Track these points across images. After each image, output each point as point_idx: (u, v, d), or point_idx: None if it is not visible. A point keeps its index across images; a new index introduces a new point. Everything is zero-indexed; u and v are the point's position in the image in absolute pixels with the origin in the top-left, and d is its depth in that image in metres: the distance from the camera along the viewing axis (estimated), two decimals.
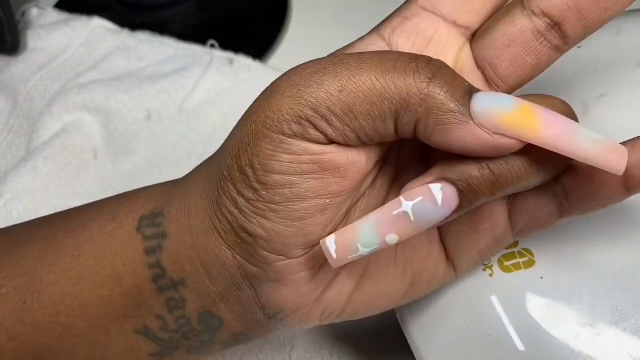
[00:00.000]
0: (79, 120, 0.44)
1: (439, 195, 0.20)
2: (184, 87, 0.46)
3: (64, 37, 0.49)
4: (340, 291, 0.23)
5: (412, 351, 0.27)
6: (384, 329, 0.34)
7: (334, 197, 0.21)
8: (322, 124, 0.20)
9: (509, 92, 0.23)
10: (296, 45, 0.50)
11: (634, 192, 0.21)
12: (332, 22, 0.52)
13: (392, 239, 0.20)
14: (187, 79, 0.46)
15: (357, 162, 0.21)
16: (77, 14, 0.51)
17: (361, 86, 0.19)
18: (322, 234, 0.21)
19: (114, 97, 0.45)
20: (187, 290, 0.23)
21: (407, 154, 0.24)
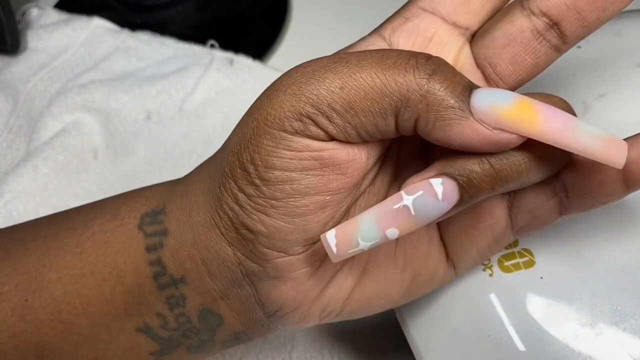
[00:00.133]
0: (79, 120, 0.44)
1: (439, 189, 0.20)
2: (184, 87, 0.46)
3: (64, 37, 0.49)
4: (339, 289, 0.23)
5: (412, 351, 0.27)
6: (384, 329, 0.34)
7: (334, 193, 0.21)
8: (323, 121, 0.20)
9: None
10: (296, 45, 0.50)
11: (633, 188, 0.21)
12: (332, 22, 0.52)
13: (393, 233, 0.20)
14: (187, 79, 0.46)
15: (358, 159, 0.21)
16: (77, 14, 0.51)
17: (362, 83, 0.20)
18: (322, 231, 0.21)
19: (114, 97, 0.45)
20: (188, 287, 0.23)
21: (406, 152, 0.24)
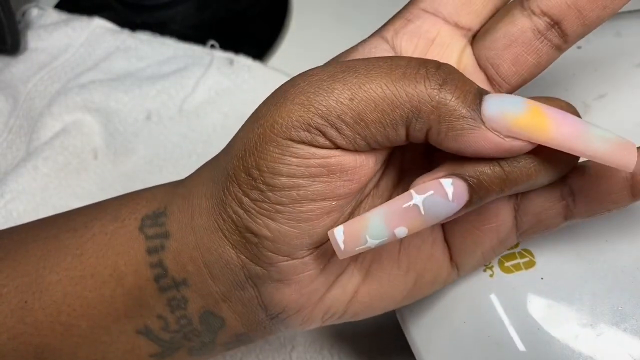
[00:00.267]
0: (79, 120, 0.44)
1: (449, 189, 0.20)
2: (184, 87, 0.46)
3: (64, 37, 0.49)
4: (342, 291, 0.23)
5: (412, 351, 0.27)
6: (384, 329, 0.34)
7: (340, 199, 0.21)
8: (332, 132, 0.20)
9: (511, 92, 0.23)
10: (296, 45, 0.50)
11: (639, 197, 0.21)
12: (332, 22, 0.52)
13: (401, 231, 0.20)
14: (187, 79, 0.46)
15: (365, 165, 0.21)
16: (77, 14, 0.51)
17: (372, 94, 0.19)
18: (326, 234, 0.21)
19: (113, 97, 0.45)
20: (189, 290, 0.23)
21: (410, 155, 0.24)
